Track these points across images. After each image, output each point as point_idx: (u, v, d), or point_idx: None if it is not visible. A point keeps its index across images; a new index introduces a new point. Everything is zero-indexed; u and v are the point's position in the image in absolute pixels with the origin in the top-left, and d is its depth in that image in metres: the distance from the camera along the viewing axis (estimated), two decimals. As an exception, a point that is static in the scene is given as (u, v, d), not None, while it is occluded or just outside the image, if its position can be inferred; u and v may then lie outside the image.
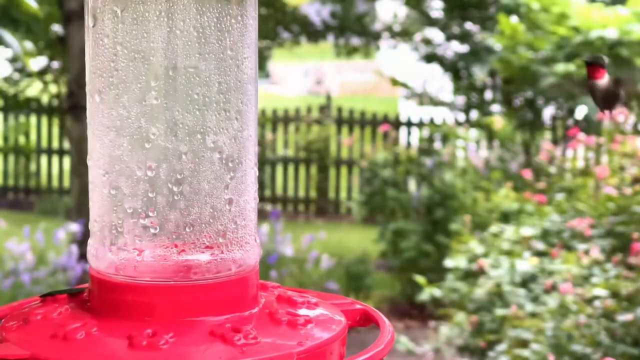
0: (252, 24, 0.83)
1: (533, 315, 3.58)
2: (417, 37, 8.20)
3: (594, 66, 1.28)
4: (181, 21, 0.79)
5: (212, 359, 0.71)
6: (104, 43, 0.80)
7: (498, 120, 6.76)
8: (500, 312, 3.70)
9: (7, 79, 8.45)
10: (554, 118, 7.07)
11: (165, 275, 0.78)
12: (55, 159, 8.82)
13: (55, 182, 8.81)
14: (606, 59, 1.29)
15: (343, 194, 8.56)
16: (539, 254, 4.03)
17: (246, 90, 0.83)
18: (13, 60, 8.37)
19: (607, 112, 1.36)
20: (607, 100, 1.31)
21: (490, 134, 6.80)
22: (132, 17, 0.79)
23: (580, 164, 5.77)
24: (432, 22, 8.05)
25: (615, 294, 3.31)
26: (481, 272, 4.08)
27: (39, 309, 0.79)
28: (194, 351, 0.72)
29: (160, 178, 0.79)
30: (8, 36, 1.31)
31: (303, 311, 0.79)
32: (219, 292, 0.78)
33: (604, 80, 1.28)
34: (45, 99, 8.65)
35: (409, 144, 7.76)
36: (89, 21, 0.81)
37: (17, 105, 8.51)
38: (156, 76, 0.79)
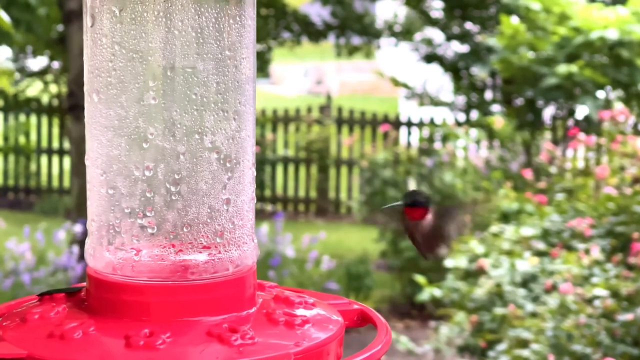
0: (250, 25, 0.83)
1: (533, 315, 3.58)
2: (417, 37, 8.19)
3: (414, 207, 1.00)
4: (179, 21, 0.79)
5: (209, 359, 0.71)
6: (102, 43, 0.80)
7: (498, 120, 6.76)
8: (499, 311, 3.70)
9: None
10: (554, 118, 7.07)
11: (162, 275, 0.78)
12: (55, 159, 8.82)
13: (55, 182, 8.81)
14: (429, 196, 1.01)
15: (343, 194, 8.56)
16: (539, 254, 4.03)
17: (244, 90, 0.83)
18: (14, 60, 8.38)
19: (429, 254, 1.07)
20: (429, 241, 1.04)
21: (491, 134, 6.80)
22: (131, 17, 0.79)
23: (580, 164, 5.77)
24: (432, 22, 8.04)
25: (615, 294, 3.31)
26: (481, 272, 4.08)
27: (37, 308, 0.79)
28: (191, 351, 0.72)
29: (158, 178, 0.79)
30: None
31: (300, 311, 0.80)
32: (216, 292, 0.78)
33: (426, 220, 1.02)
34: (45, 99, 8.65)
35: (409, 144, 7.76)
36: (87, 21, 0.81)
37: (17, 105, 8.50)
38: (154, 76, 0.79)
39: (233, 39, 0.81)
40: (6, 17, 1.39)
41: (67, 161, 8.55)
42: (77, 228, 5.16)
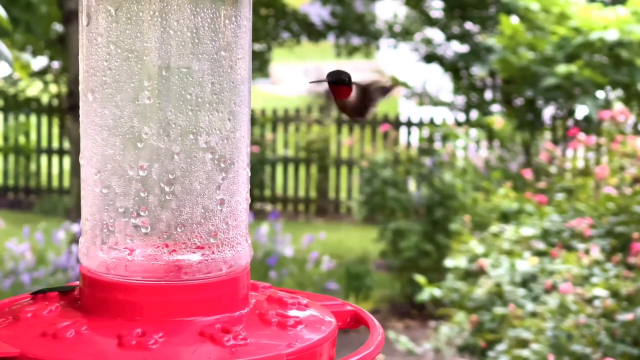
0: (246, 25, 0.83)
1: (533, 315, 3.58)
2: (417, 37, 8.19)
3: (338, 86, 1.02)
4: (175, 21, 0.79)
5: (202, 359, 0.71)
6: (98, 42, 0.80)
7: (498, 120, 6.76)
8: (499, 310, 3.70)
9: (7, 79, 8.46)
10: (554, 118, 7.07)
11: (156, 274, 0.78)
12: (55, 159, 8.82)
13: (55, 182, 8.82)
14: (349, 76, 1.03)
15: (343, 194, 8.56)
16: (539, 253, 4.03)
17: (239, 91, 0.83)
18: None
19: (359, 116, 1.10)
20: (358, 109, 1.07)
21: (490, 134, 6.80)
22: (126, 16, 0.79)
23: (580, 164, 5.77)
24: (432, 22, 8.04)
25: (615, 294, 3.31)
26: (481, 271, 4.08)
27: (29, 307, 0.79)
28: (184, 351, 0.72)
29: (152, 177, 0.79)
30: (2, 47, 1.29)
31: (293, 312, 0.80)
32: (210, 292, 0.78)
33: (352, 95, 1.03)
34: (45, 99, 8.65)
35: (409, 144, 7.76)
36: (83, 20, 0.81)
37: (17, 105, 8.51)
38: (149, 76, 0.79)
39: (229, 40, 0.81)
40: (3, 13, 1.39)
41: (67, 161, 8.56)
42: (77, 228, 5.16)
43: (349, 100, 1.01)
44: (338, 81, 1.01)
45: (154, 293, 0.77)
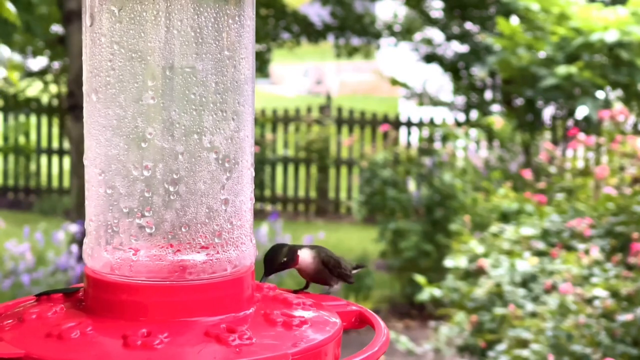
0: (249, 25, 0.83)
1: (533, 315, 3.58)
2: (417, 37, 8.19)
3: (281, 268, 0.91)
4: (178, 21, 0.79)
5: (207, 359, 0.71)
6: (101, 42, 0.80)
7: (498, 121, 6.75)
8: (499, 311, 3.69)
9: (7, 79, 8.45)
10: (554, 118, 7.07)
11: (160, 275, 0.78)
12: (55, 159, 8.82)
13: (55, 182, 8.81)
14: (285, 250, 0.91)
15: (343, 194, 8.56)
16: (539, 254, 4.03)
17: (243, 90, 0.83)
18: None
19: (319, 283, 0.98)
20: (317, 278, 0.96)
21: (490, 134, 6.80)
22: (130, 16, 0.79)
23: (580, 164, 5.76)
24: (432, 22, 8.04)
25: (615, 294, 3.31)
26: (481, 272, 4.08)
27: (34, 308, 0.79)
28: (189, 351, 0.72)
29: (156, 178, 0.79)
30: None
31: (298, 312, 0.80)
32: (214, 292, 0.78)
33: (303, 263, 0.93)
34: (45, 99, 8.65)
35: (409, 144, 7.76)
36: (86, 20, 0.81)
37: (17, 105, 8.50)
38: (153, 76, 0.79)
39: (232, 39, 0.81)
40: (12, 9, 1.38)
41: (66, 161, 8.55)
42: (77, 228, 5.16)
43: (305, 268, 0.93)
44: (276, 268, 0.91)
45: (159, 293, 0.77)
